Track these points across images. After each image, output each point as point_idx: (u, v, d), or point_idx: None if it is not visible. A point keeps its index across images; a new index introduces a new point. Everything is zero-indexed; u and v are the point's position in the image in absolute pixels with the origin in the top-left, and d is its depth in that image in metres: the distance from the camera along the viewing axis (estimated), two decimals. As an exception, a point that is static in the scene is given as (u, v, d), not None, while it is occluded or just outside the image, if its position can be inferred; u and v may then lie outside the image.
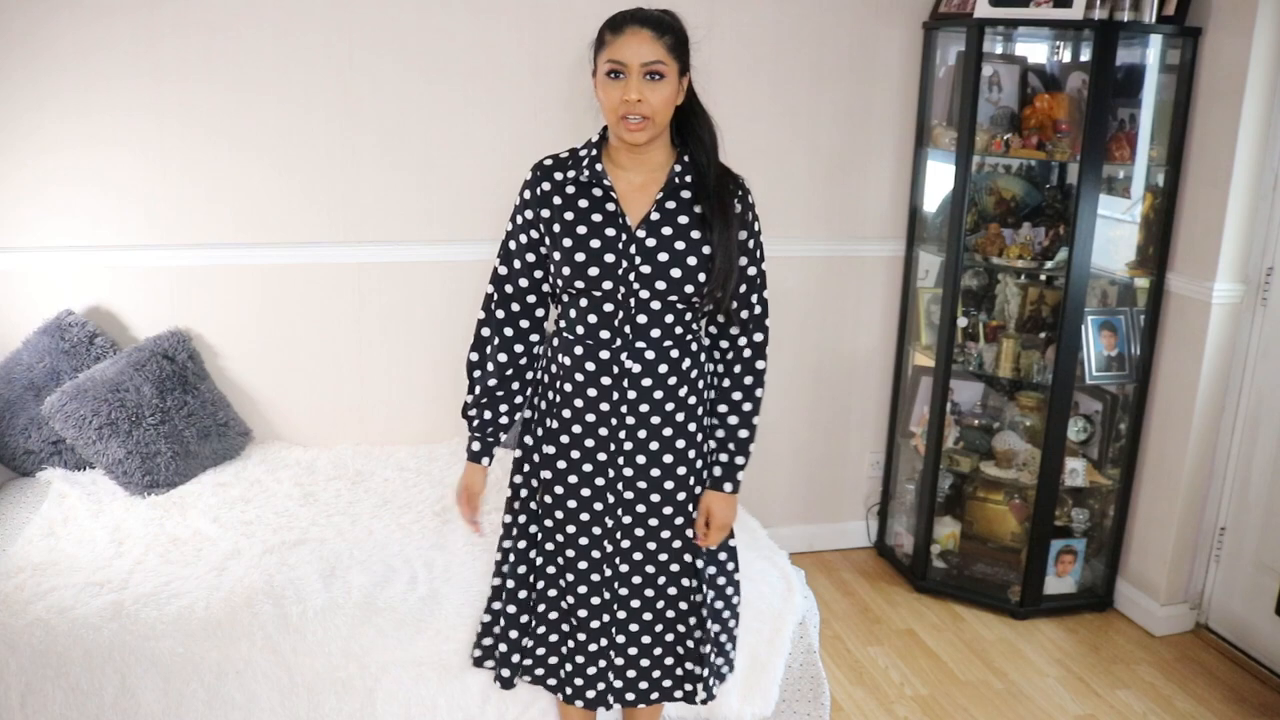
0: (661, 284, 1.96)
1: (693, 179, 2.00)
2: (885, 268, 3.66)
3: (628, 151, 1.98)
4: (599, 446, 2.05)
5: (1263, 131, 3.03)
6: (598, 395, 2.02)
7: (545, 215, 2.00)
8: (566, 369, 2.04)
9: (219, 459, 3.07)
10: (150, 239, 3.08)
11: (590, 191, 1.99)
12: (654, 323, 1.99)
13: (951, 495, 3.62)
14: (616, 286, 1.96)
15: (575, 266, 1.96)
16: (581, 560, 2.11)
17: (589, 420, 2.04)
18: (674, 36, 1.93)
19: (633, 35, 1.89)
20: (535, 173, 2.03)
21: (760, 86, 3.39)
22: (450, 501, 2.90)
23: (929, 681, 3.04)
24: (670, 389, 2.03)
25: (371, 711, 2.27)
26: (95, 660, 2.22)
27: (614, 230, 1.97)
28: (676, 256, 1.96)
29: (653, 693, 2.18)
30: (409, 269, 3.27)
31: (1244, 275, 3.14)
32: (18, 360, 2.97)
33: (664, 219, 1.98)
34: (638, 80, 1.88)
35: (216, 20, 2.98)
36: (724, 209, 1.97)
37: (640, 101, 1.88)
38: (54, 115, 2.94)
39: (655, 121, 1.92)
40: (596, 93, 1.96)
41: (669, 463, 2.06)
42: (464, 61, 3.16)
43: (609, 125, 1.97)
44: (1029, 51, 3.43)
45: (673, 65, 1.92)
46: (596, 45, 1.95)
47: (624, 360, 2.00)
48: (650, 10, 1.95)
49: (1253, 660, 3.18)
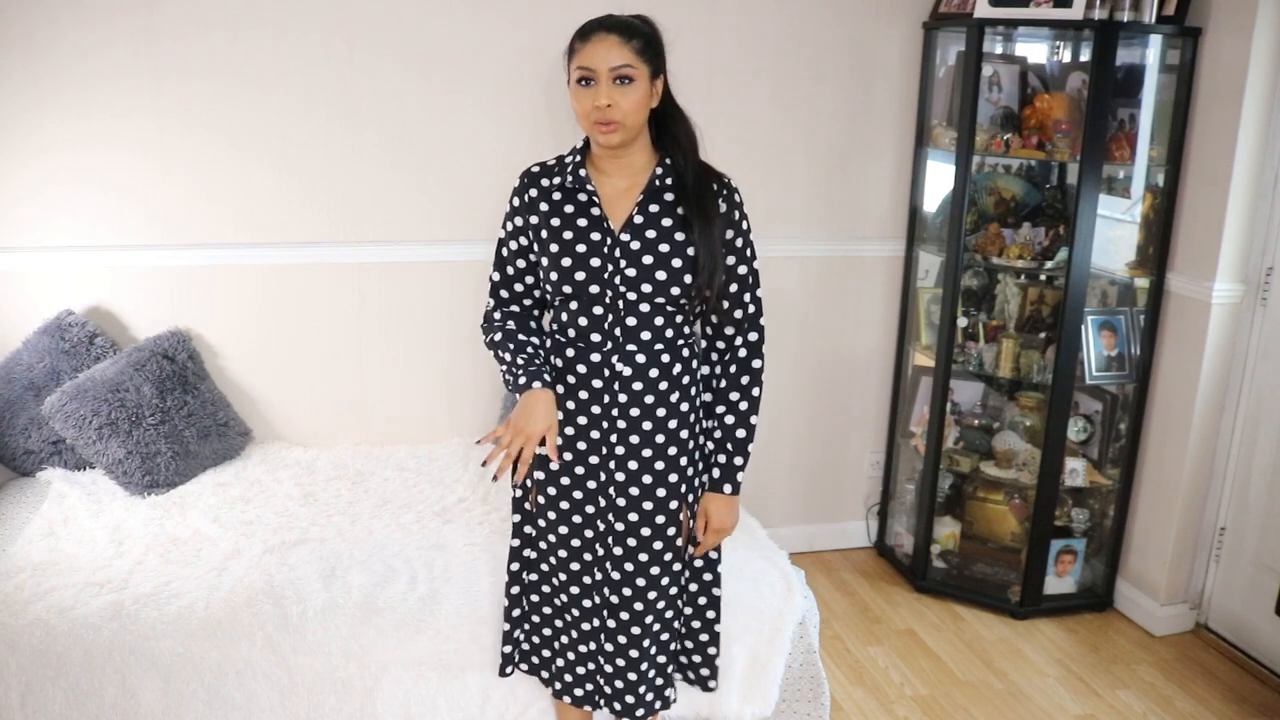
0: (647, 286, 1.96)
1: (674, 180, 2.01)
2: (885, 268, 3.66)
3: (608, 156, 2.00)
4: (591, 450, 2.05)
5: (1263, 131, 3.03)
6: (589, 398, 2.02)
7: (533, 221, 2.02)
8: (558, 370, 2.05)
9: (219, 459, 3.07)
10: (150, 239, 3.08)
11: (575, 197, 2.01)
12: (644, 325, 1.99)
13: (951, 495, 3.62)
14: (604, 290, 1.97)
15: (562, 271, 1.98)
16: (574, 562, 2.11)
17: (580, 423, 2.04)
18: (643, 40, 1.92)
19: (600, 41, 1.90)
20: (523, 180, 2.05)
21: (760, 86, 3.39)
22: (450, 502, 2.90)
23: (929, 681, 3.04)
24: (661, 394, 2.02)
25: (371, 711, 2.27)
26: (95, 660, 2.22)
27: (598, 235, 1.98)
28: (661, 259, 1.96)
29: (638, 709, 2.16)
30: (409, 269, 3.27)
31: (1244, 275, 3.14)
32: (18, 360, 2.97)
33: (647, 222, 1.98)
34: (607, 85, 1.89)
35: (216, 20, 2.98)
36: (704, 209, 1.97)
37: (610, 106, 1.89)
38: (54, 115, 2.94)
39: (626, 125, 1.92)
40: (570, 101, 1.97)
41: (661, 469, 2.05)
42: (464, 61, 3.16)
43: (586, 133, 1.98)
44: (1029, 51, 3.43)
45: (642, 69, 1.91)
46: (568, 54, 1.96)
47: (615, 363, 2.00)
48: (620, 16, 1.95)
49: (1253, 660, 3.18)
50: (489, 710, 2.31)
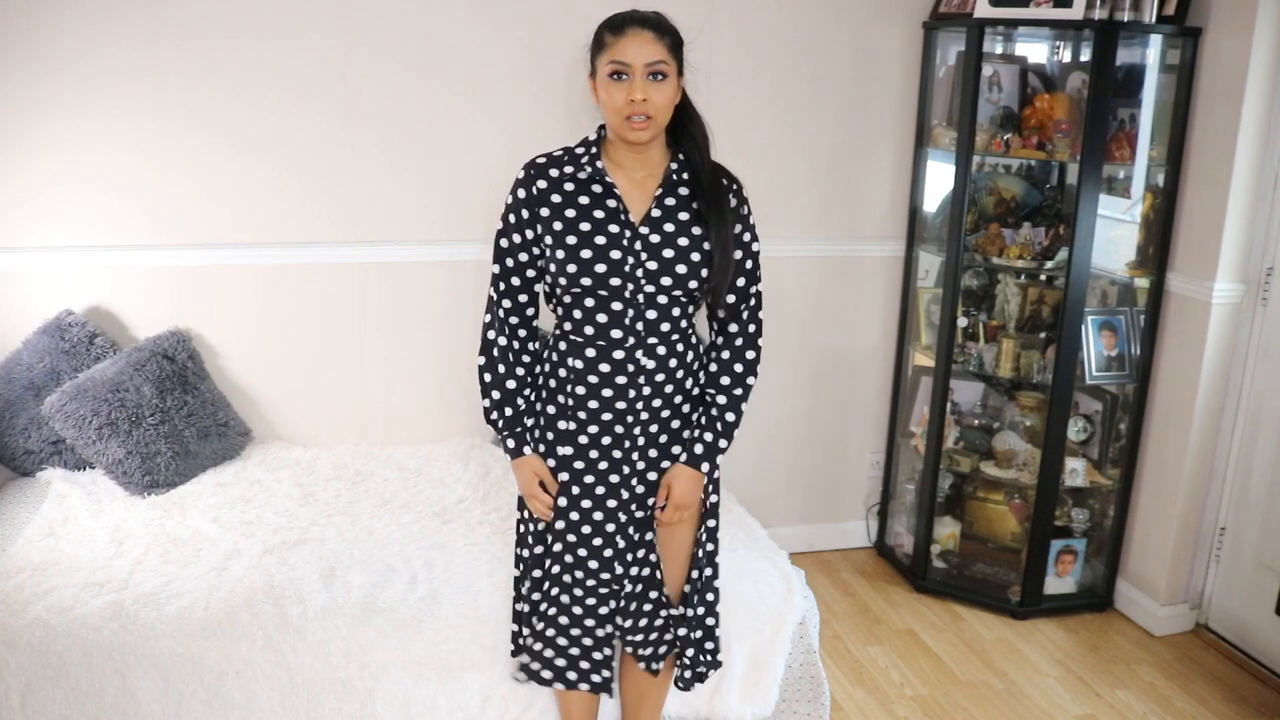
0: (667, 279, 1.99)
1: (688, 176, 2.04)
2: (885, 268, 3.66)
3: (628, 150, 2.01)
4: (614, 444, 2.07)
5: (1263, 131, 3.03)
6: (613, 395, 2.03)
7: (543, 214, 2.01)
8: (578, 372, 2.04)
9: (219, 459, 3.07)
10: (150, 239, 3.08)
11: (589, 188, 2.01)
12: (662, 317, 2.02)
13: (951, 495, 3.62)
14: (624, 283, 1.98)
15: (582, 263, 1.97)
16: (593, 559, 2.12)
17: (605, 419, 2.05)
18: (672, 38, 1.97)
19: (635, 36, 1.92)
20: (529, 171, 2.04)
21: (760, 86, 3.39)
22: (450, 502, 2.90)
23: (929, 681, 3.04)
24: (679, 381, 2.07)
25: (371, 711, 2.27)
26: (95, 660, 2.22)
27: (617, 227, 1.99)
28: (680, 252, 1.99)
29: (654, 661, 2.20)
30: (409, 269, 3.27)
31: (1244, 275, 3.14)
32: (18, 360, 2.97)
33: (664, 215, 2.01)
34: (641, 80, 1.92)
35: (216, 20, 2.98)
36: (719, 204, 2.02)
37: (645, 101, 1.92)
38: (54, 115, 2.94)
39: (657, 121, 1.96)
40: (595, 94, 1.99)
41: (676, 453, 2.11)
42: (464, 61, 3.16)
43: (611, 125, 1.99)
44: (1029, 51, 3.43)
45: (673, 65, 1.96)
46: (595, 47, 1.97)
47: (639, 357, 2.02)
48: (646, 11, 1.97)
49: (1253, 660, 3.18)
50: (489, 710, 2.31)
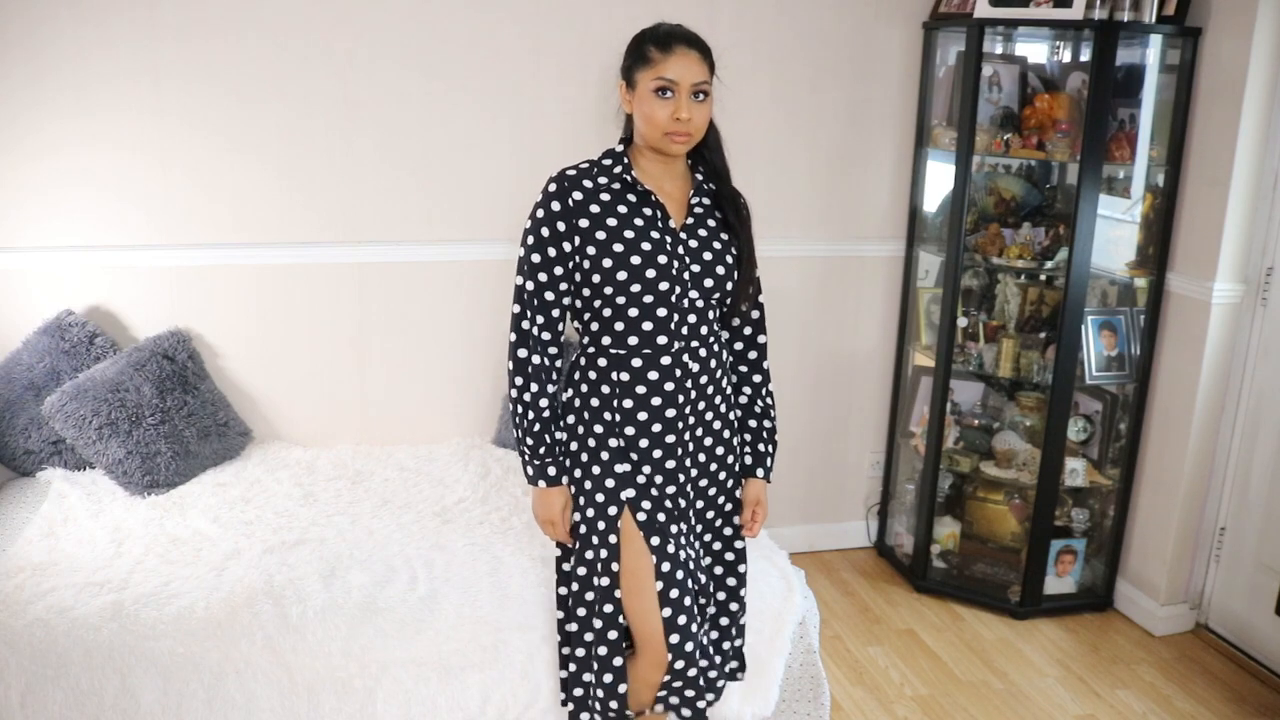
0: (709, 282, 2.03)
1: (709, 185, 2.11)
2: (885, 268, 3.66)
3: (657, 159, 2.04)
4: (667, 454, 2.07)
5: (1263, 131, 3.03)
6: (663, 403, 2.04)
7: (583, 225, 1.98)
8: (624, 385, 2.03)
9: (219, 459, 3.07)
10: (150, 239, 3.08)
11: (625, 198, 2.02)
12: (701, 321, 2.05)
13: (951, 495, 3.62)
14: (672, 287, 2.00)
15: (633, 269, 1.97)
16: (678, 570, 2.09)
17: (655, 431, 2.05)
18: (711, 59, 2.01)
19: (684, 55, 1.95)
20: (562, 184, 2.00)
21: (760, 86, 3.39)
22: (450, 502, 2.90)
23: (929, 681, 3.04)
24: (718, 383, 2.11)
25: (371, 711, 2.26)
26: (95, 660, 2.22)
27: (658, 233, 2.01)
28: (717, 256, 2.05)
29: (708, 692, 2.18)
30: (409, 269, 3.27)
31: (1244, 275, 3.14)
32: (18, 360, 2.97)
33: (697, 221, 2.06)
34: (687, 99, 1.95)
35: (216, 20, 2.98)
36: (739, 211, 2.10)
37: (689, 120, 1.96)
38: (54, 115, 2.94)
39: (695, 137, 2.00)
40: (633, 105, 1.99)
41: (721, 454, 2.15)
42: (464, 61, 3.16)
43: (647, 138, 1.99)
44: (1029, 51, 3.43)
45: (711, 85, 2.01)
46: (637, 60, 1.97)
47: (686, 362, 2.04)
48: (688, 30, 2.00)
49: (1253, 660, 3.18)
50: (489, 710, 2.31)
